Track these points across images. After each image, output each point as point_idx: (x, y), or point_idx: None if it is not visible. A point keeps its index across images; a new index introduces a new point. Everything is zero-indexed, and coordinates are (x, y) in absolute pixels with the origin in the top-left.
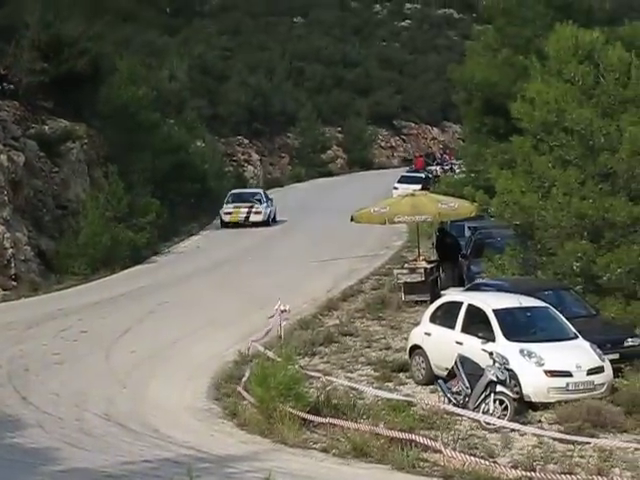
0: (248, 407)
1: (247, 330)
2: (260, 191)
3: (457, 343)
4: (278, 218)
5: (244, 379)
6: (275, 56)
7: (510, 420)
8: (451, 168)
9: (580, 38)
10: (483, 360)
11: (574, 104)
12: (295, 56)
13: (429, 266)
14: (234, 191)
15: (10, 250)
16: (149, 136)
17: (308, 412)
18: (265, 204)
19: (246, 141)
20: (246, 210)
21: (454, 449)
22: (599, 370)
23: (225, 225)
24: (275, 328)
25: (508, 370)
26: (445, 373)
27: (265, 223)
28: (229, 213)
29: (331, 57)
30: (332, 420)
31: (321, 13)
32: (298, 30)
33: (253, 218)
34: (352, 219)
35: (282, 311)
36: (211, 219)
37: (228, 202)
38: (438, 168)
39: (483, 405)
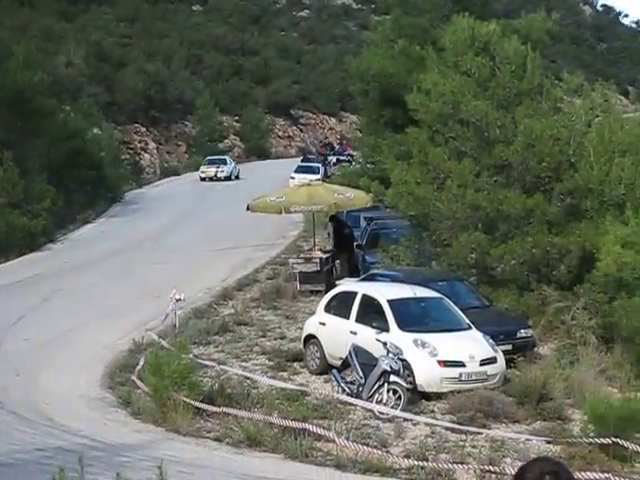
0: (142, 396)
1: (142, 319)
2: (226, 157)
3: (351, 333)
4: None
5: (138, 368)
6: (173, 44)
7: (403, 410)
8: (348, 159)
9: (476, 30)
10: (377, 350)
11: (470, 96)
12: (193, 44)
13: (324, 256)
14: (208, 158)
15: None
16: (45, 122)
17: (202, 401)
18: (228, 166)
19: (143, 129)
20: (214, 170)
21: (347, 438)
22: (492, 361)
23: (202, 180)
24: (170, 317)
25: (402, 360)
26: (339, 363)
27: (228, 178)
28: (204, 172)
29: (229, 46)
30: (226, 409)
31: (220, 1)
32: (196, 18)
33: (220, 174)
34: (248, 208)
35: (177, 300)
36: (107, 207)
37: (204, 164)
38: (335, 158)
39: (376, 395)
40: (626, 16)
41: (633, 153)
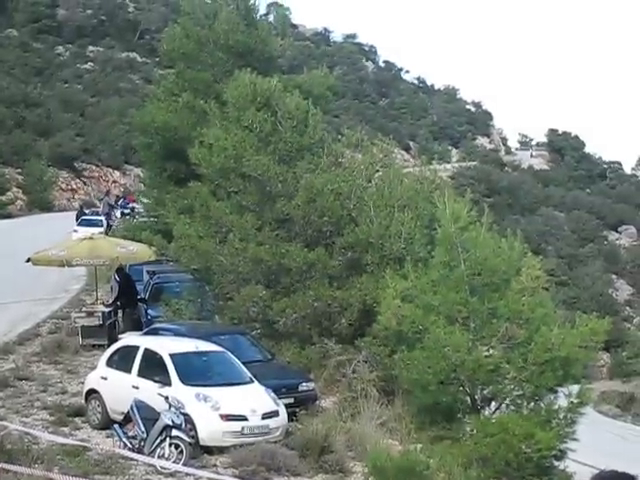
0: None
1: None
2: None
3: (133, 387)
4: None
5: None
6: None
7: (185, 464)
8: (131, 212)
9: (258, 85)
10: (159, 404)
11: (251, 151)
12: None
13: (107, 310)
14: None
15: None
16: None
17: None
18: None
19: None
20: None
21: None
22: (274, 414)
23: None
24: None
25: (184, 414)
26: (121, 417)
27: None
28: None
29: (12, 97)
30: (5, 465)
31: (2, 52)
32: None
33: None
34: (29, 261)
35: None
36: None
37: None
38: (119, 212)
39: (159, 449)
40: (407, 72)
41: (412, 208)
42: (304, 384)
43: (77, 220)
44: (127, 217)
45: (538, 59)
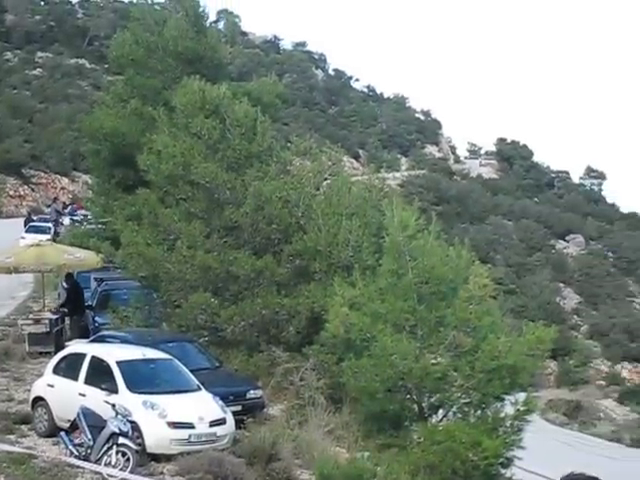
0: None
1: None
2: None
3: (80, 395)
4: None
5: None
6: None
7: (132, 472)
8: (80, 219)
9: (207, 93)
10: (106, 412)
11: (200, 158)
12: None
13: (54, 317)
14: None
15: None
16: None
17: None
18: None
19: None
20: None
21: None
22: (221, 422)
23: None
24: None
25: (131, 422)
26: (68, 425)
27: None
28: None
29: None
30: None
31: None
32: None
33: None
34: None
35: None
36: None
37: None
38: (67, 218)
39: (105, 457)
40: (357, 80)
41: (361, 216)
42: (252, 392)
43: (25, 227)
44: (75, 224)
45: (487, 68)
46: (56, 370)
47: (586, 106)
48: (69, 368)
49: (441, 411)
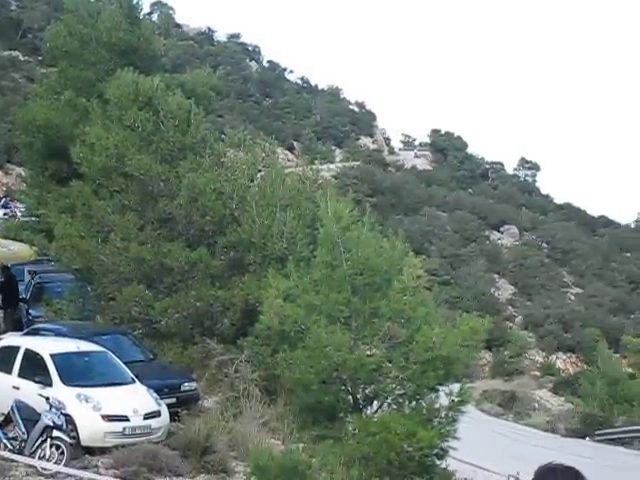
0: None
1: None
2: None
3: (14, 388)
4: None
5: None
6: None
7: (67, 465)
8: (14, 212)
9: (140, 85)
10: (40, 405)
11: (134, 150)
12: None
13: None
14: None
15: None
16: None
17: None
18: None
19: None
20: None
21: None
22: (156, 414)
23: None
24: None
25: (65, 415)
26: (1, 418)
27: None
28: None
29: None
30: None
31: None
32: None
33: None
34: None
35: None
36: None
37: None
38: (0, 212)
39: (39, 450)
40: (291, 72)
41: (295, 208)
42: (186, 384)
43: None
44: (8, 217)
45: (420, 59)
46: None
47: (520, 97)
48: (2, 361)
49: (376, 402)
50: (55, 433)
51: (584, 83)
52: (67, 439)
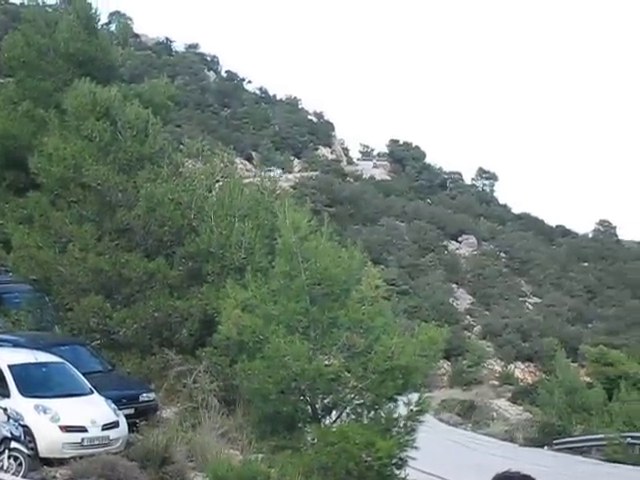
0: None
1: None
2: None
3: None
4: None
5: None
6: None
7: (24, 476)
8: None
9: (98, 95)
10: None
11: (91, 160)
12: None
13: None
14: None
15: None
16: None
17: None
18: None
19: None
20: None
21: None
22: (114, 425)
23: None
24: None
25: (23, 426)
26: None
27: None
28: None
29: None
30: None
31: None
32: None
33: None
34: None
35: None
36: None
37: None
38: None
39: None
40: (250, 82)
41: (253, 218)
42: (144, 395)
43: None
44: None
45: (377, 69)
46: None
47: (478, 107)
48: None
49: (334, 412)
50: (13, 444)
51: (540, 93)
52: (25, 450)
